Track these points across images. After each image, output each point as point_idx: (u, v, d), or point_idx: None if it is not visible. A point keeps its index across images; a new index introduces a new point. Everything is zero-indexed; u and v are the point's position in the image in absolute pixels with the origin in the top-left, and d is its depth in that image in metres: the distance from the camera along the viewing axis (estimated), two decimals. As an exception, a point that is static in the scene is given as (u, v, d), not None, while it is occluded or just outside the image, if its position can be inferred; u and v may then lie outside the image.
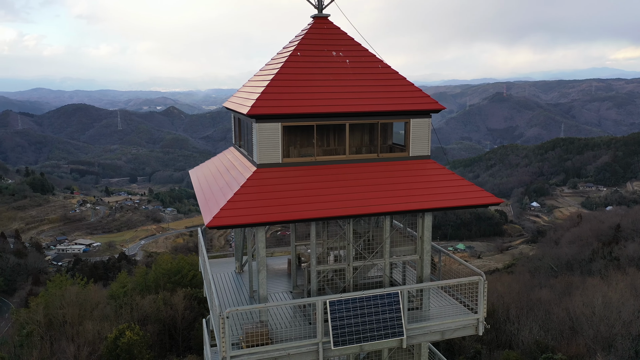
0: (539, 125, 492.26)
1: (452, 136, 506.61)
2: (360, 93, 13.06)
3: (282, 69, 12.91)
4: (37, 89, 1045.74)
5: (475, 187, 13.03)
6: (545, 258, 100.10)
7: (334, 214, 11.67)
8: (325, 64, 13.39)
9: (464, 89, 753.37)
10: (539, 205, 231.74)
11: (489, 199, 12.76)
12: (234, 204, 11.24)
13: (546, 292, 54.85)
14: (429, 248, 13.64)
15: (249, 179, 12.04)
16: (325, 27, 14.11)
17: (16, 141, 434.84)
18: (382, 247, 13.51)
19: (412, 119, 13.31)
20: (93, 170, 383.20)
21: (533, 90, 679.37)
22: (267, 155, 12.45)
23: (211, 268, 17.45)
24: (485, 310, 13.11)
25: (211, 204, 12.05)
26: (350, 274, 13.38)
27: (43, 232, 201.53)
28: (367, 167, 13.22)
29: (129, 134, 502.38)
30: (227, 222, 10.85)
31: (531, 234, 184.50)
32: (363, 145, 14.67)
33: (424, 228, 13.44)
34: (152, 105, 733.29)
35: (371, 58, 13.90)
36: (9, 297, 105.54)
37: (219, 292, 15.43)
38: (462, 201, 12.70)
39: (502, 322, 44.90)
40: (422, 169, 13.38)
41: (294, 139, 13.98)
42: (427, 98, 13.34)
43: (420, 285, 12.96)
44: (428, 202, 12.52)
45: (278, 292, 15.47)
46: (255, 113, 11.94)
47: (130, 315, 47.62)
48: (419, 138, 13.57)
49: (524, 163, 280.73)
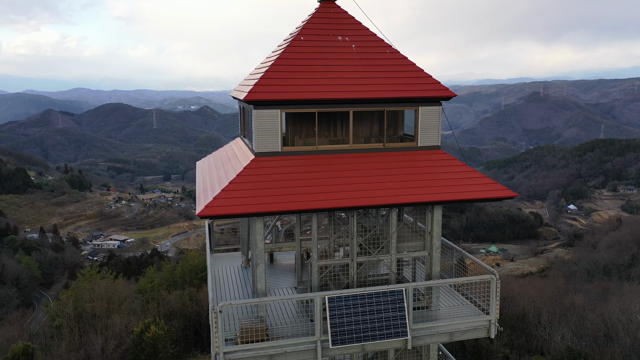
0: (577, 125, 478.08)
1: (486, 136, 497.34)
2: (366, 79, 12.39)
3: (284, 54, 12.37)
4: (77, 89, 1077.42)
5: (487, 179, 12.19)
6: (581, 262, 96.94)
7: (333, 205, 11.05)
8: (329, 49, 12.77)
9: (499, 88, 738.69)
10: (576, 208, 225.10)
11: (502, 192, 11.90)
12: (228, 194, 10.76)
13: (580, 297, 52.93)
14: (439, 244, 12.87)
15: (246, 168, 11.54)
16: (332, 11, 13.50)
17: (57, 139, 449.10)
18: (388, 242, 12.81)
19: (421, 107, 12.56)
20: (129, 168, 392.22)
21: (572, 90, 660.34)
22: (266, 143, 11.92)
23: (218, 262, 17.09)
24: (497, 311, 12.26)
25: (206, 193, 11.62)
26: (353, 269, 12.73)
27: (80, 227, 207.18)
28: (373, 157, 12.54)
29: (164, 132, 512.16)
30: (219, 212, 10.37)
31: (567, 237, 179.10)
32: (372, 136, 13.97)
33: (433, 222, 12.68)
34: (186, 105, 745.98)
35: (379, 43, 13.20)
36: (46, 289, 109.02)
37: (224, 286, 15.02)
38: (473, 194, 11.89)
39: (532, 326, 43.43)
40: (431, 160, 12.61)
41: (298, 128, 13.40)
42: (437, 84, 12.57)
43: (426, 283, 12.21)
44: (436, 195, 11.76)
45: (284, 287, 14.96)
46: (253, 99, 11.43)
47: (157, 310, 48.11)
48: (428, 127, 12.80)
49: (561, 164, 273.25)
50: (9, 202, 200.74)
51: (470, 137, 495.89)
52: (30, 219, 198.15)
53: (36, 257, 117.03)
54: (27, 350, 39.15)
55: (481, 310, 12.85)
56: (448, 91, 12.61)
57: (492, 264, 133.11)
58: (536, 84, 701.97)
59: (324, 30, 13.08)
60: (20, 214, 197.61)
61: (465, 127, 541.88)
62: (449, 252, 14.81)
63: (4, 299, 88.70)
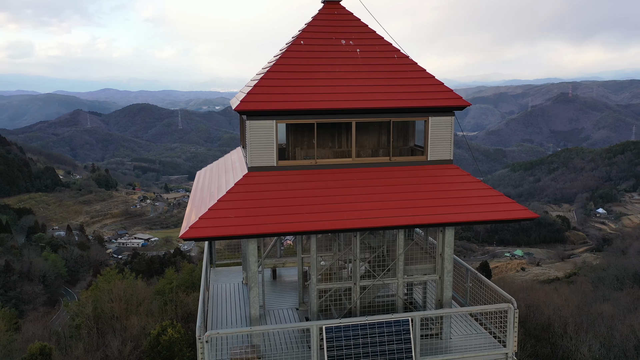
0: (607, 127, 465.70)
1: (512, 138, 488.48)
2: (370, 87, 11.31)
3: (281, 60, 11.37)
4: (105, 90, 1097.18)
5: (504, 197, 10.99)
6: (610, 268, 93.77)
7: (332, 227, 10.03)
8: (331, 54, 11.74)
9: (526, 89, 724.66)
10: (605, 212, 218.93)
11: (521, 213, 10.70)
12: (215, 213, 9.84)
13: (609, 307, 50.92)
14: (451, 267, 11.72)
15: (237, 184, 10.59)
16: (335, 12, 12.45)
17: (85, 139, 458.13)
18: (395, 264, 11.73)
19: (431, 117, 11.42)
20: (154, 167, 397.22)
21: (602, 91, 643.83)
22: (260, 157, 10.95)
23: (219, 277, 16.21)
24: (515, 343, 11.06)
25: (194, 211, 10.71)
26: (357, 294, 11.68)
27: (106, 226, 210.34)
28: (377, 172, 11.45)
29: (189, 132, 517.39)
30: (204, 234, 9.45)
31: (596, 242, 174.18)
32: (380, 147, 12.89)
33: (444, 244, 11.54)
34: (211, 105, 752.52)
35: (386, 47, 12.10)
36: (72, 286, 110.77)
37: (221, 305, 14.13)
38: (489, 214, 10.72)
39: (558, 336, 41.78)
40: (443, 176, 11.46)
41: (300, 139, 12.41)
42: (449, 92, 11.42)
43: (435, 312, 11.07)
44: (448, 215, 10.62)
45: (285, 307, 14.00)
46: (245, 109, 10.48)
47: (175, 313, 47.79)
48: (440, 139, 11.65)
49: (589, 167, 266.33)
50: (38, 200, 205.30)
51: (495, 138, 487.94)
52: (58, 217, 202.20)
53: (62, 254, 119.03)
54: (44, 350, 39.23)
55: (498, 341, 11.67)
56: (461, 100, 11.44)
57: (517, 268, 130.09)
58: (564, 84, 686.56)
59: (326, 34, 12.05)
60: (49, 212, 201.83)
61: (490, 129, 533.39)
62: (463, 272, 13.65)
63: (30, 296, 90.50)
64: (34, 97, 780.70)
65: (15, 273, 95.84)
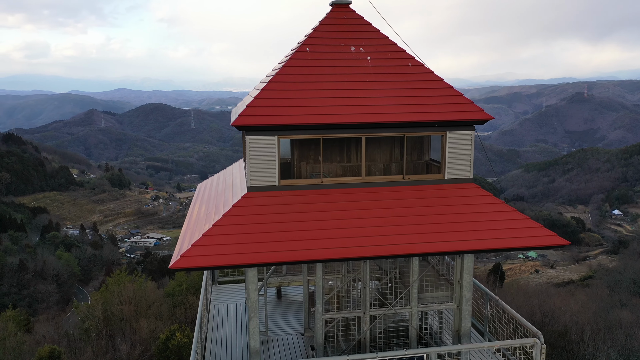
0: (623, 127, 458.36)
1: (526, 138, 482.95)
2: (382, 99, 10.29)
3: (284, 69, 10.39)
4: (119, 89, 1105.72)
5: (530, 221, 9.92)
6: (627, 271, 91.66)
7: (338, 256, 9.05)
8: (340, 62, 10.74)
9: (541, 88, 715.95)
10: (621, 214, 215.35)
11: (549, 240, 9.62)
12: (209, 239, 8.91)
13: (627, 313, 49.46)
14: (470, 295, 10.67)
15: (234, 207, 9.64)
16: (345, 16, 11.44)
17: (99, 138, 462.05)
18: (408, 292, 10.71)
19: (449, 132, 10.37)
20: (167, 167, 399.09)
21: (618, 90, 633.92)
22: (260, 176, 9.99)
23: (221, 296, 15.30)
24: (542, 383, 10.01)
25: (187, 235, 9.79)
26: (366, 324, 10.68)
27: (119, 225, 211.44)
28: (390, 192, 10.42)
29: (201, 132, 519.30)
30: (197, 264, 8.53)
31: (612, 244, 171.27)
32: (392, 161, 11.87)
33: (463, 270, 10.51)
34: (223, 105, 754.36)
35: (400, 54, 11.06)
36: (85, 285, 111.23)
37: (222, 327, 13.20)
38: (514, 241, 9.66)
39: (574, 344, 40.49)
40: (462, 196, 10.41)
41: (306, 153, 11.43)
42: (469, 105, 10.37)
43: (453, 348, 10.04)
44: (467, 242, 9.58)
45: (289, 333, 13.04)
46: (244, 124, 9.53)
47: (184, 316, 47.18)
48: (458, 156, 10.59)
49: (605, 168, 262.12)
50: (53, 199, 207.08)
51: (509, 138, 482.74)
52: (72, 215, 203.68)
53: (76, 253, 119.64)
54: (53, 354, 38.88)
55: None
56: (482, 113, 10.38)
57: (531, 270, 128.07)
58: (580, 84, 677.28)
59: (334, 39, 11.04)
60: (63, 211, 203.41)
61: (504, 129, 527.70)
62: (483, 298, 12.58)
63: (44, 295, 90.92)
64: (50, 96, 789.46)
65: (29, 272, 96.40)
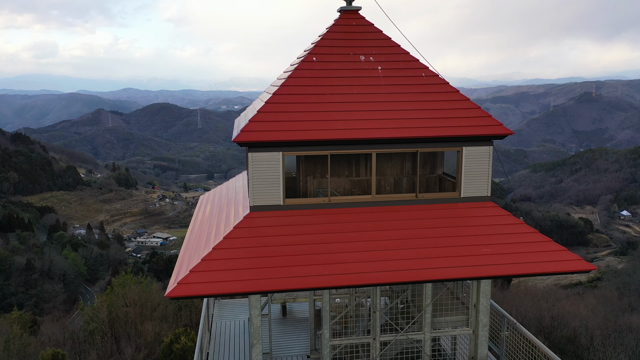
0: (632, 127, 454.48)
1: (533, 138, 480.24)
2: (394, 112, 9.66)
3: (290, 80, 9.78)
4: (126, 89, 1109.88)
5: (553, 244, 9.27)
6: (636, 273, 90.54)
7: (346, 283, 8.43)
8: (348, 72, 10.12)
9: (548, 88, 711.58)
10: (629, 215, 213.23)
11: (575, 265, 8.95)
12: (208, 265, 8.32)
13: (637, 317, 48.62)
14: (487, 320, 10.03)
15: (236, 228, 9.05)
16: (354, 23, 10.81)
17: (106, 138, 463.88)
18: (421, 317, 10.08)
19: (465, 147, 9.72)
20: (173, 166, 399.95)
21: (627, 90, 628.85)
22: (263, 195, 9.38)
23: (224, 312, 14.73)
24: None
25: (185, 260, 9.20)
26: (376, 350, 10.06)
27: (125, 224, 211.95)
28: (401, 212, 9.79)
29: (208, 132, 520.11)
30: (195, 292, 7.94)
31: (620, 245, 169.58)
32: (404, 175, 11.23)
33: (480, 294, 9.86)
34: (230, 105, 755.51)
35: (413, 64, 10.42)
36: (91, 285, 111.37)
37: (223, 347, 12.61)
38: (536, 266, 9.00)
39: (584, 349, 39.74)
40: (478, 217, 9.76)
41: (312, 167, 10.82)
42: (487, 119, 9.72)
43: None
44: (485, 267, 8.93)
45: (294, 354, 12.42)
46: (246, 140, 8.93)
47: (189, 318, 46.82)
48: (475, 173, 9.93)
49: (613, 168, 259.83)
50: (60, 199, 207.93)
51: (516, 138, 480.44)
52: (79, 215, 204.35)
53: (82, 253, 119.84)
54: (56, 357, 38.61)
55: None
56: (502, 127, 9.72)
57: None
58: (588, 83, 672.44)
59: (343, 48, 10.42)
60: (70, 211, 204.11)
61: (511, 128, 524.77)
62: (499, 319, 11.91)
63: (51, 294, 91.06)
64: (58, 96, 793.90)
65: (37, 271, 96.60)
